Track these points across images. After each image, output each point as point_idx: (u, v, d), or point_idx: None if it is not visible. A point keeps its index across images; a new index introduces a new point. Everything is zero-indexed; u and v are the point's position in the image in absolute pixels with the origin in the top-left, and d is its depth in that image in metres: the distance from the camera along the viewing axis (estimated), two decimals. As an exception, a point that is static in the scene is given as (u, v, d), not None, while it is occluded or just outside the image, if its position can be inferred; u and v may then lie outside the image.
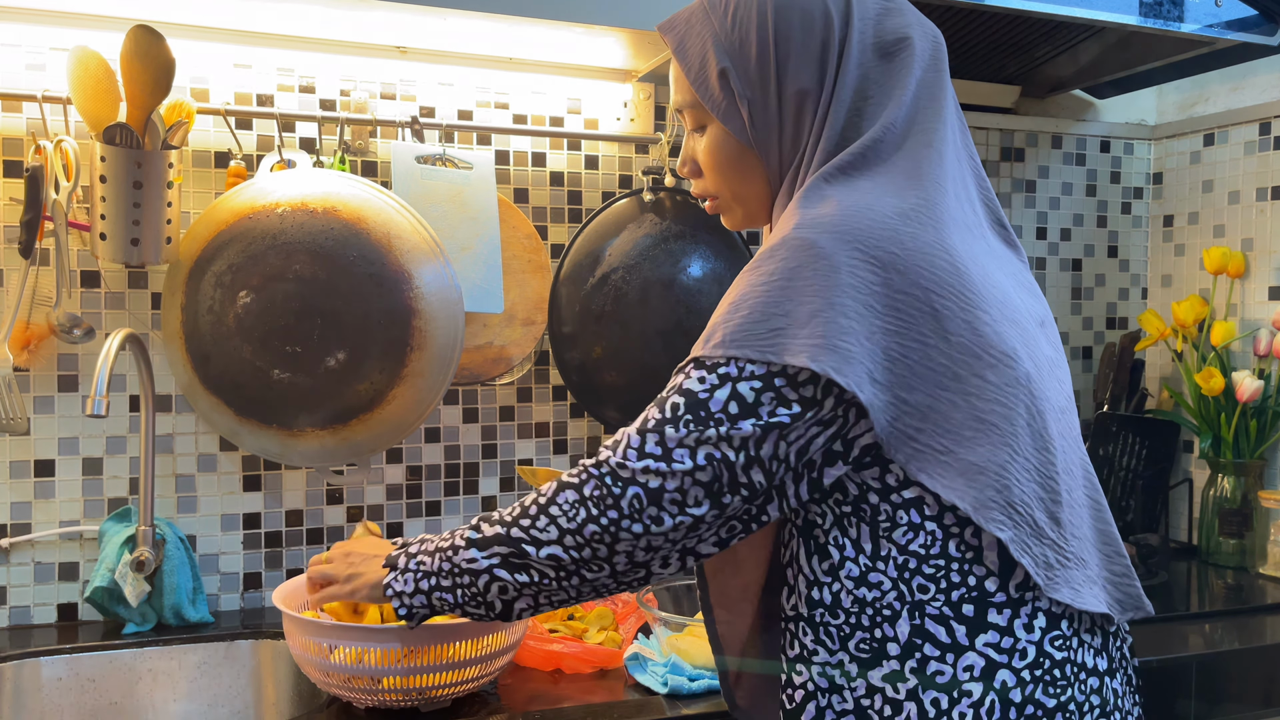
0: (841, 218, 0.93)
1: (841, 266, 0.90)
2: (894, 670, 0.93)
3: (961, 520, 0.93)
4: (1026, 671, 0.93)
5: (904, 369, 0.91)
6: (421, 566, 1.04)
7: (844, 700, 0.95)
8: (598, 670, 1.39)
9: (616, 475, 0.93)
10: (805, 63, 0.98)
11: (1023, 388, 0.94)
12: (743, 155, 1.03)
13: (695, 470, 0.92)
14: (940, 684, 0.92)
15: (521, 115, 1.83)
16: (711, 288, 1.84)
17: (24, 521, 1.59)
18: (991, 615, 0.93)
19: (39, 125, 1.54)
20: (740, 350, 0.91)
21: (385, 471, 1.77)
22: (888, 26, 1.00)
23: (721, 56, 1.00)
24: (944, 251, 0.94)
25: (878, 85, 0.99)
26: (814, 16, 0.98)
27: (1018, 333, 0.96)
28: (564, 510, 0.96)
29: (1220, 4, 1.70)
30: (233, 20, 1.58)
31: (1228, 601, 1.79)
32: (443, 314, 1.59)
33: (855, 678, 0.95)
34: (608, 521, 0.94)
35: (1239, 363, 2.06)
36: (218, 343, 1.54)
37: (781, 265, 0.92)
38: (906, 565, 0.93)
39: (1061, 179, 2.23)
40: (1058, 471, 0.97)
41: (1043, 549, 0.94)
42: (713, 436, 0.91)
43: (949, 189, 0.98)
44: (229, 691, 1.54)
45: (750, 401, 0.91)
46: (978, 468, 0.91)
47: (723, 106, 1.01)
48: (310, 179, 1.58)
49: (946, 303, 0.92)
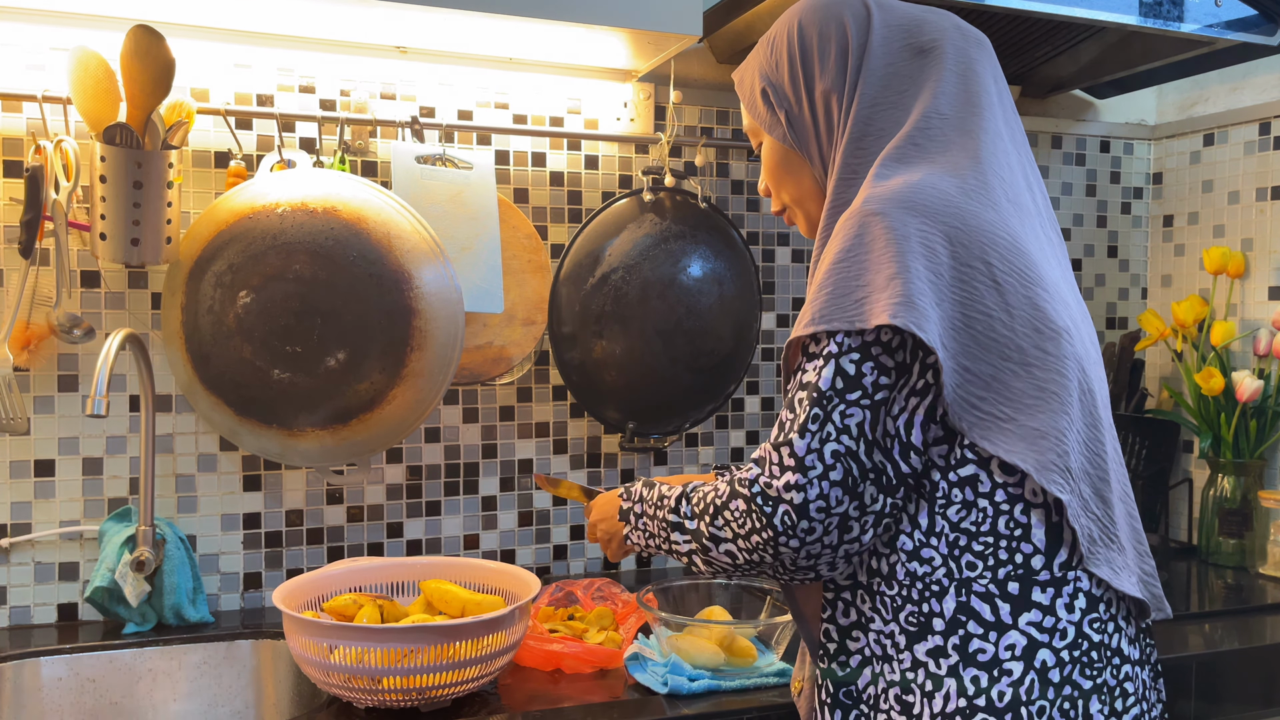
0: (907, 192, 0.99)
1: (911, 235, 0.96)
2: (937, 645, 0.97)
3: (1012, 498, 0.97)
4: (1066, 652, 0.96)
5: (968, 339, 0.96)
6: (647, 528, 1.16)
7: (892, 671, 0.99)
8: (598, 670, 1.39)
9: (765, 495, 0.98)
10: (826, 67, 1.10)
11: (1077, 364, 0.99)
12: (789, 159, 1.15)
13: (828, 471, 0.96)
14: (981, 662, 0.95)
15: (521, 115, 1.83)
16: (711, 288, 1.84)
17: (24, 521, 1.59)
18: (1035, 594, 0.96)
19: (39, 125, 1.55)
20: (830, 324, 0.97)
21: (385, 471, 1.77)
22: (920, 31, 1.10)
23: (763, 79, 1.15)
24: (1004, 229, 1.00)
25: (909, 79, 1.08)
26: (831, 29, 1.11)
27: (1069, 314, 1.02)
28: (734, 516, 1.02)
29: (1220, 4, 1.70)
30: (233, 20, 1.58)
31: (1228, 601, 1.79)
32: (443, 314, 1.59)
33: (903, 650, 0.99)
34: (770, 535, 0.98)
35: (1239, 363, 2.06)
36: (218, 342, 1.54)
37: (855, 238, 0.98)
38: (957, 543, 0.97)
39: (1061, 179, 2.23)
40: (1106, 452, 1.02)
41: (1089, 522, 0.98)
42: (832, 432, 0.96)
43: (1005, 175, 1.04)
44: (229, 691, 1.54)
45: (853, 375, 0.97)
46: (1039, 433, 0.96)
47: (767, 120, 1.15)
48: (310, 179, 1.58)
49: (1009, 278, 0.98)
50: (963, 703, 0.95)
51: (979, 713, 0.94)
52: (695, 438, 1.96)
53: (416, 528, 1.79)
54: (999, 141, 1.06)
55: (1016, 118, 1.11)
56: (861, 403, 0.96)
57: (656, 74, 1.86)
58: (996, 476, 0.97)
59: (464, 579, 1.47)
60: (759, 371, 2.00)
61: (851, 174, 1.06)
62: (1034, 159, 1.12)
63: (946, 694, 0.96)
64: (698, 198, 1.86)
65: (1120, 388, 2.13)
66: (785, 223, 1.21)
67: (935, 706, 0.96)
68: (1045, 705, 0.94)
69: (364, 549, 1.76)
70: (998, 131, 1.06)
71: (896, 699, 0.99)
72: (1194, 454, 2.17)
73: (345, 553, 1.74)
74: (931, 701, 0.96)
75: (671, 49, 1.68)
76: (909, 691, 0.98)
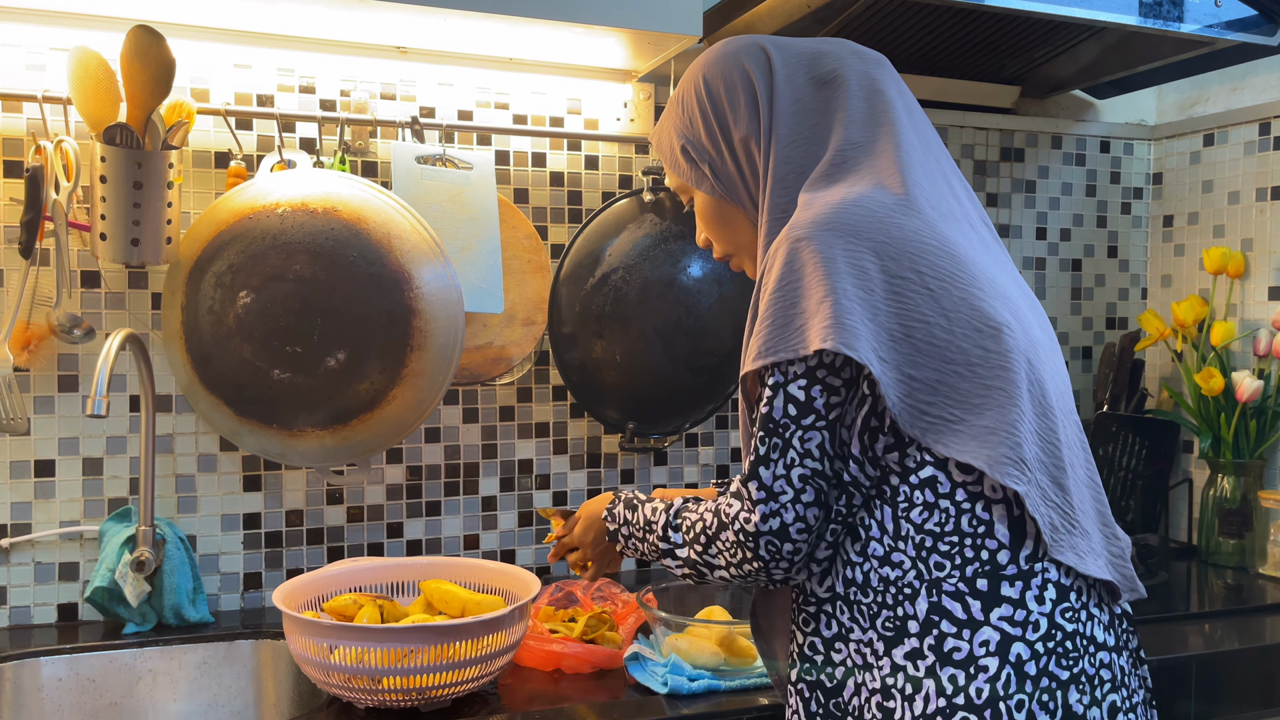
0: (830, 214, 1.01)
1: (838, 256, 0.99)
2: (914, 648, 0.98)
3: (973, 496, 0.99)
4: (1040, 644, 0.97)
5: (908, 348, 0.98)
6: (638, 549, 1.19)
7: (874, 679, 1.00)
8: (598, 670, 1.39)
9: (744, 530, 1.03)
10: (738, 115, 1.13)
11: (1022, 355, 1.01)
12: (722, 209, 1.18)
13: (799, 495, 1.00)
14: (957, 660, 0.96)
15: (521, 115, 1.83)
16: (711, 288, 1.84)
17: (24, 521, 1.59)
18: (1005, 588, 0.97)
19: (39, 125, 1.55)
20: (776, 355, 1.00)
21: (385, 471, 1.77)
22: (820, 64, 1.13)
23: (680, 137, 1.19)
24: (931, 235, 1.02)
25: (819, 112, 1.11)
26: (735, 79, 1.14)
27: (1009, 309, 1.03)
28: (725, 548, 1.06)
29: (1220, 4, 1.70)
30: (233, 20, 1.58)
31: (1227, 601, 1.79)
32: (443, 314, 1.59)
33: (882, 656, 1.00)
34: (759, 565, 1.03)
35: (1239, 363, 2.06)
36: (218, 343, 1.54)
37: (785, 266, 1.01)
38: (924, 544, 0.99)
39: (1061, 179, 2.23)
40: (1060, 441, 1.03)
41: (1049, 511, 0.99)
42: (795, 458, 1.00)
43: (924, 183, 1.07)
44: (229, 691, 1.54)
45: (803, 400, 1.00)
46: (989, 429, 0.97)
47: (692, 176, 1.18)
48: (310, 179, 1.58)
49: (941, 283, 1.00)
50: (942, 703, 0.96)
51: (959, 711, 0.95)
52: (695, 438, 1.96)
53: (416, 528, 1.79)
54: (913, 153, 1.08)
55: (929, 127, 1.14)
56: (817, 425, 1.00)
57: (656, 74, 1.86)
58: (955, 476, 0.99)
59: (464, 579, 1.47)
60: (759, 371, 1.99)
61: (781, 212, 1.10)
62: (954, 163, 1.15)
63: (926, 695, 0.96)
64: (698, 198, 1.86)
65: (1120, 388, 2.13)
66: (734, 269, 1.25)
67: (916, 709, 0.97)
68: (1024, 699, 0.95)
69: (364, 549, 1.76)
70: (910, 144, 1.09)
71: (879, 706, 0.99)
72: (1194, 454, 2.17)
73: (345, 553, 1.74)
74: (912, 704, 0.97)
75: (671, 49, 1.69)
76: (890, 697, 0.99)
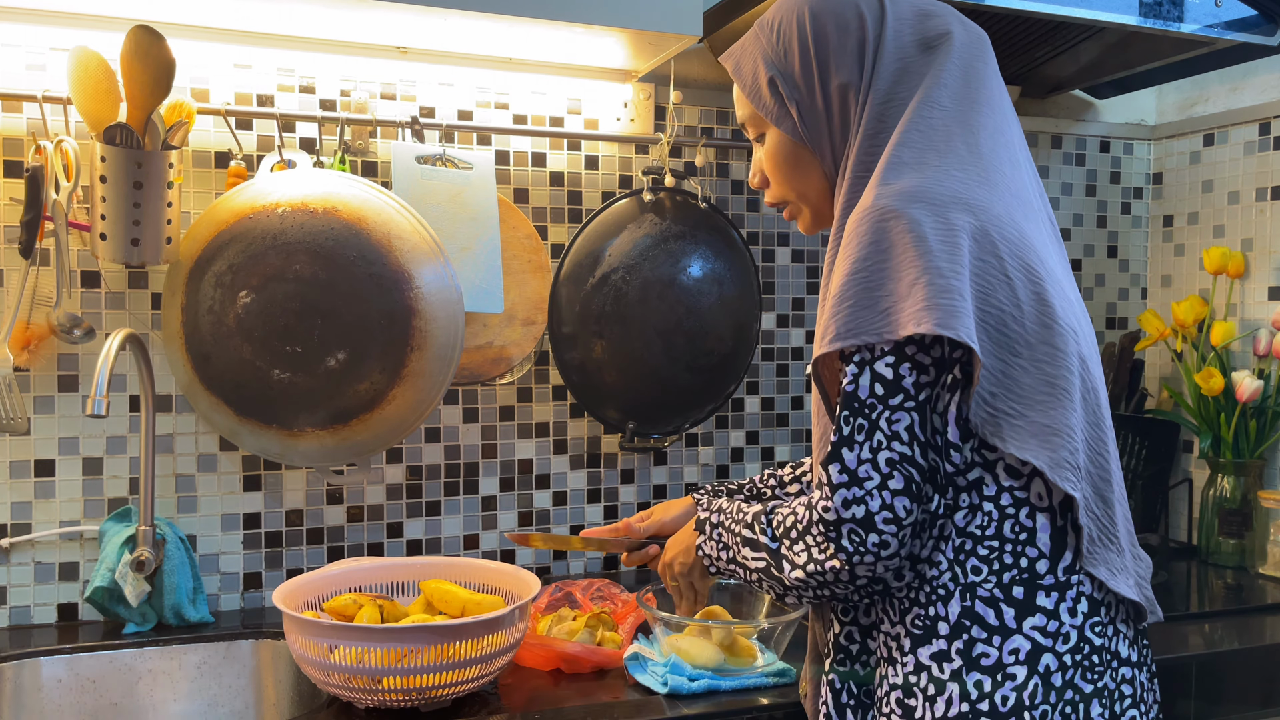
0: (918, 187, 0.96)
1: (928, 232, 0.93)
2: (941, 650, 0.96)
3: (1018, 502, 0.96)
4: (1068, 656, 0.95)
5: (981, 333, 0.94)
6: (721, 539, 1.13)
7: (895, 674, 0.99)
8: (598, 670, 1.39)
9: (824, 520, 0.97)
10: (843, 60, 1.06)
11: (1081, 362, 0.98)
12: (798, 153, 1.10)
13: (886, 480, 0.94)
14: (985, 666, 0.95)
15: (521, 115, 1.83)
16: (711, 288, 1.84)
17: (24, 521, 1.59)
18: (1040, 598, 0.96)
19: (39, 125, 1.54)
20: (858, 339, 0.94)
21: (385, 471, 1.77)
22: (928, 25, 1.07)
23: (769, 67, 1.09)
24: (1012, 223, 0.98)
25: (918, 75, 1.05)
26: (848, 19, 1.06)
27: (1073, 313, 1.00)
28: (815, 542, 0.99)
29: (1220, 4, 1.70)
30: (233, 20, 1.58)
31: (1227, 601, 1.79)
32: (443, 314, 1.59)
33: (907, 652, 0.98)
34: (842, 560, 0.96)
35: (1239, 363, 2.06)
36: (218, 343, 1.54)
37: (872, 243, 0.95)
38: (963, 547, 0.97)
39: (1061, 179, 2.23)
40: (1109, 453, 1.00)
41: (1089, 522, 0.97)
42: (882, 440, 0.94)
43: (1008, 170, 1.02)
44: (229, 691, 1.54)
45: (891, 379, 0.95)
46: (1050, 429, 0.94)
47: (775, 111, 1.09)
48: (310, 179, 1.58)
49: (1018, 273, 0.96)
50: (965, 707, 0.94)
51: (981, 717, 0.94)
52: (695, 438, 1.96)
53: (416, 528, 1.79)
54: (1000, 136, 1.04)
55: (1014, 113, 1.10)
56: (905, 405, 0.94)
57: (656, 74, 1.86)
58: (1002, 480, 0.96)
59: (464, 579, 1.47)
60: (759, 371, 2.00)
61: (865, 171, 1.04)
62: (1030, 154, 1.11)
63: (949, 698, 0.95)
64: (698, 198, 1.86)
65: (1120, 388, 2.13)
66: (785, 218, 1.17)
67: (937, 710, 0.96)
68: (1048, 710, 0.94)
69: (364, 549, 1.76)
70: (997, 127, 1.04)
71: (898, 702, 0.98)
72: (1194, 454, 2.17)
73: (345, 553, 1.74)
74: (934, 705, 0.96)
75: (671, 49, 1.68)
76: (911, 695, 0.97)
